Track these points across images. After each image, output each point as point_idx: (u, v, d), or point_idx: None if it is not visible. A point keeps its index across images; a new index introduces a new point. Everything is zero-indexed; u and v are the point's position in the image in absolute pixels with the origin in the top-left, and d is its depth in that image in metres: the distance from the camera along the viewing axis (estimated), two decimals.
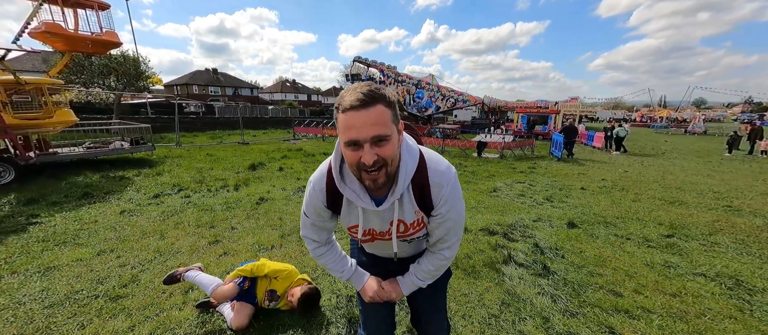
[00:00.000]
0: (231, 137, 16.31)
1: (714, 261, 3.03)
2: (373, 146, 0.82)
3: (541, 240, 3.45)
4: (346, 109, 0.80)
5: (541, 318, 2.13)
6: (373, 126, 0.80)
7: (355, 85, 0.83)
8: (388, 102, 0.83)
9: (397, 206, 0.99)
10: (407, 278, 1.19)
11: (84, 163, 7.48)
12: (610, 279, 2.67)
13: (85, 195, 4.95)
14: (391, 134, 0.83)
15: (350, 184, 0.97)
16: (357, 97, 0.79)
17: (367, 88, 0.80)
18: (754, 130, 12.65)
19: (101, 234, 3.52)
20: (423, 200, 0.99)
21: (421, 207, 1.00)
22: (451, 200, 0.98)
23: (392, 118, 0.84)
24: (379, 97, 0.81)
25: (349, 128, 0.81)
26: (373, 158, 0.82)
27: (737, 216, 4.46)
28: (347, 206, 1.04)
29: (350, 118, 0.80)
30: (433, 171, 0.97)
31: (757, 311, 2.27)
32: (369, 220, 1.04)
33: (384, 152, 0.83)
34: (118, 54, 19.18)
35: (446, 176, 0.97)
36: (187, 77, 45.53)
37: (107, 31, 7.52)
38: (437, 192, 0.97)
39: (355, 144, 0.82)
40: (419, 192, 0.98)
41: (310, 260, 2.92)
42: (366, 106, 0.79)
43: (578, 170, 8.21)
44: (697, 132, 25.19)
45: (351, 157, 0.86)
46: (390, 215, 1.01)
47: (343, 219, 1.07)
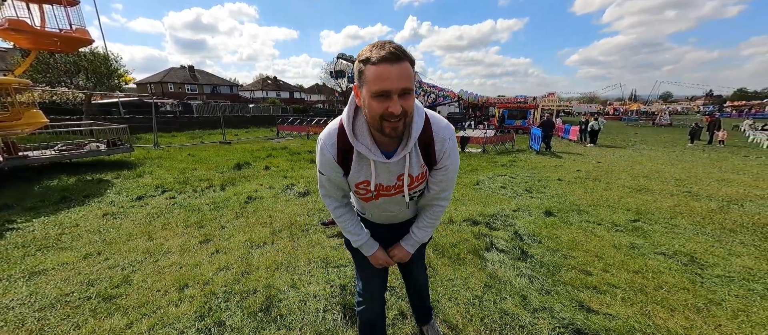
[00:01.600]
0: (212, 136, 15.92)
1: (673, 242, 3.35)
2: (399, 98, 0.91)
3: (520, 228, 3.69)
4: (378, 61, 0.88)
5: (519, 296, 2.33)
6: (402, 79, 0.89)
7: (379, 42, 0.91)
8: (411, 60, 0.92)
9: (408, 159, 1.09)
10: (409, 239, 1.35)
11: (57, 166, 7.15)
12: (582, 260, 2.92)
13: (62, 199, 4.79)
14: (413, 89, 0.94)
15: (362, 139, 1.06)
16: (390, 51, 0.87)
17: (397, 45, 0.89)
18: (713, 121, 13.65)
19: (85, 237, 3.45)
20: (427, 154, 1.12)
21: (425, 161, 1.13)
22: (451, 151, 1.12)
23: (412, 75, 0.94)
24: (406, 54, 0.90)
25: (382, 79, 0.88)
26: (400, 109, 0.91)
27: (695, 200, 4.89)
28: (358, 162, 1.12)
29: (383, 70, 0.88)
30: (437, 127, 1.10)
31: (707, 282, 2.57)
32: (379, 174, 1.13)
33: (407, 104, 0.93)
34: (87, 51, 18.20)
35: (448, 130, 1.11)
36: (162, 75, 43.67)
37: (77, 28, 7.20)
38: (441, 145, 1.10)
39: (385, 94, 0.90)
40: (424, 148, 1.11)
41: (302, 254, 3.01)
42: (398, 61, 0.88)
43: (555, 162, 8.63)
44: (663, 124, 26.79)
45: (378, 108, 0.92)
46: (398, 168, 1.12)
47: (353, 176, 1.15)
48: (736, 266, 2.82)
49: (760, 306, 2.24)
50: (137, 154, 9.20)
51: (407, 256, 1.38)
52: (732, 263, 2.88)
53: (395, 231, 1.41)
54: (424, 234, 1.34)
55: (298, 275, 2.65)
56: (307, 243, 3.29)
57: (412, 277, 1.71)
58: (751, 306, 2.25)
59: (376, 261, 1.37)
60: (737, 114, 40.67)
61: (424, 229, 1.33)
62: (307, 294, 2.36)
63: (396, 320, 2.07)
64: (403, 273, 1.76)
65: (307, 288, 2.45)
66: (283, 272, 2.71)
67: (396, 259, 1.38)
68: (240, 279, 2.59)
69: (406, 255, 1.37)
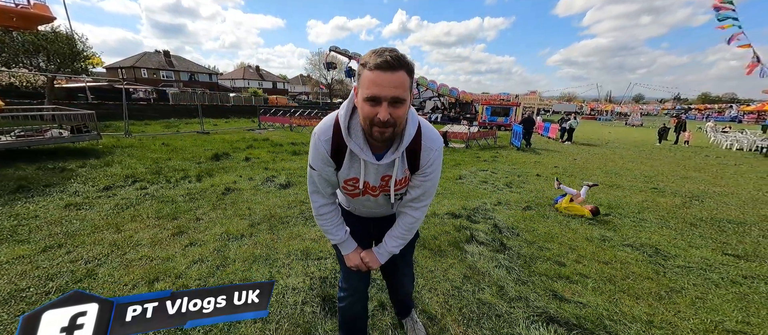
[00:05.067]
0: (189, 126, 15.25)
1: (640, 235, 3.54)
2: (389, 106, 0.91)
3: (499, 221, 3.77)
4: (374, 67, 0.89)
5: (497, 286, 2.38)
6: (394, 88, 0.90)
7: (382, 48, 0.92)
8: (409, 70, 0.93)
9: (396, 162, 1.12)
10: (382, 248, 1.35)
11: (14, 153, 6.60)
12: (556, 252, 3.02)
13: (19, 188, 4.44)
14: (406, 99, 0.94)
15: (355, 138, 1.08)
16: (385, 60, 0.88)
17: (396, 54, 0.90)
18: (679, 123, 14.49)
19: (44, 229, 3.22)
20: (412, 161, 1.16)
21: (409, 166, 1.17)
22: (436, 163, 1.17)
23: (409, 86, 0.95)
24: (404, 64, 0.90)
25: (373, 85, 0.90)
26: (387, 116, 0.92)
27: (661, 196, 5.18)
28: (349, 159, 1.14)
29: (376, 77, 0.89)
30: (427, 137, 1.13)
31: (669, 272, 2.73)
32: (368, 173, 1.16)
33: (397, 113, 0.94)
34: (49, 30, 16.84)
35: (437, 142, 1.15)
36: (134, 59, 41.26)
37: (36, 4, 6.62)
38: (427, 154, 1.14)
39: (375, 100, 0.91)
40: (410, 154, 1.14)
41: (282, 247, 2.94)
42: (392, 70, 0.88)
43: (535, 158, 8.89)
44: (635, 124, 28.22)
45: (368, 111, 0.94)
46: (384, 170, 1.16)
47: (343, 171, 1.17)
48: (695, 257, 3.02)
49: (715, 294, 2.41)
50: (106, 142, 8.66)
51: (376, 264, 1.38)
52: (691, 254, 3.07)
53: (377, 223, 1.46)
54: (394, 244, 1.33)
55: (276, 268, 2.59)
56: (287, 235, 3.22)
57: (401, 285, 1.70)
58: (708, 293, 2.41)
59: (349, 261, 1.38)
60: (701, 116, 43.47)
61: (395, 239, 1.33)
62: (285, 287, 2.32)
63: (376, 311, 2.07)
64: (388, 279, 1.74)
65: (286, 281, 2.40)
66: (261, 264, 2.64)
67: (366, 262, 1.37)
68: (215, 272, 2.50)
69: (376, 263, 1.37)
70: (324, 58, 19.31)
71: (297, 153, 8.33)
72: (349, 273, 1.46)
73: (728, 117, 40.08)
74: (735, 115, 40.55)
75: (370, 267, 1.38)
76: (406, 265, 1.64)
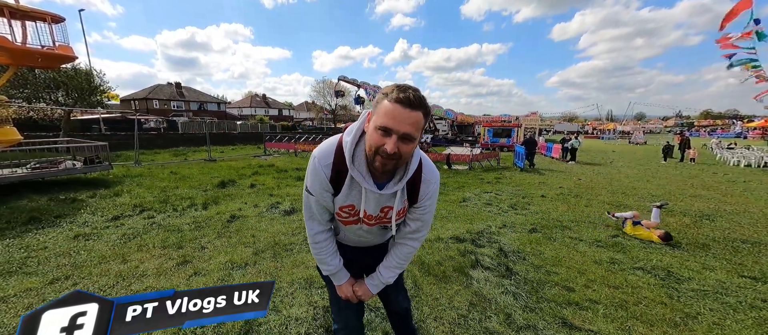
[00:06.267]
0: (197, 154, 15.58)
1: (650, 257, 3.45)
2: (399, 140, 0.95)
3: (505, 244, 3.72)
4: (394, 100, 0.93)
5: (504, 314, 2.32)
6: (408, 125, 0.94)
7: (406, 84, 0.97)
8: (426, 112, 0.98)
9: (399, 194, 1.14)
10: (374, 279, 1.35)
11: (27, 185, 6.80)
12: (565, 276, 2.96)
13: (31, 219, 4.53)
14: (416, 138, 0.99)
15: (358, 166, 1.09)
16: (408, 96, 0.92)
17: (418, 94, 0.94)
18: (683, 140, 14.42)
19: (53, 261, 3.26)
20: (412, 193, 1.19)
21: (408, 198, 1.20)
22: (434, 196, 1.21)
23: (422, 126, 0.99)
24: (423, 105, 0.95)
25: (389, 117, 0.93)
26: (394, 150, 0.95)
27: (670, 216, 5.08)
28: (349, 186, 1.13)
29: (394, 109, 0.93)
30: (427, 170, 1.18)
31: (683, 296, 2.65)
32: (368, 202, 1.16)
33: (404, 149, 0.97)
34: (69, 67, 17.82)
35: (436, 175, 1.20)
36: (147, 91, 43.00)
37: (60, 45, 7.09)
38: (426, 187, 1.18)
39: (387, 131, 0.95)
40: (410, 187, 1.17)
41: (285, 275, 2.93)
42: (411, 108, 0.93)
43: (539, 179, 8.85)
44: (638, 142, 28.11)
45: (377, 140, 0.97)
46: (385, 201, 1.17)
47: (340, 198, 1.16)
48: (710, 280, 2.92)
49: (734, 319, 2.31)
50: (116, 172, 8.87)
51: (369, 296, 1.36)
52: (706, 277, 2.98)
53: (367, 253, 1.44)
54: (390, 274, 1.32)
55: (280, 297, 2.57)
56: (290, 263, 3.21)
57: (397, 305, 1.66)
58: (725, 319, 2.32)
59: (341, 292, 1.36)
60: (705, 133, 43.25)
61: (391, 270, 1.32)
62: (288, 318, 2.29)
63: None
64: (384, 302, 1.71)
65: (289, 311, 2.37)
66: None
67: (358, 295, 1.35)
68: None
69: (368, 295, 1.35)
70: (333, 87, 20.02)
71: (301, 178, 8.42)
72: (341, 307, 1.42)
73: (733, 133, 39.82)
74: (739, 131, 40.31)
75: (362, 298, 1.36)
76: (398, 287, 1.61)
